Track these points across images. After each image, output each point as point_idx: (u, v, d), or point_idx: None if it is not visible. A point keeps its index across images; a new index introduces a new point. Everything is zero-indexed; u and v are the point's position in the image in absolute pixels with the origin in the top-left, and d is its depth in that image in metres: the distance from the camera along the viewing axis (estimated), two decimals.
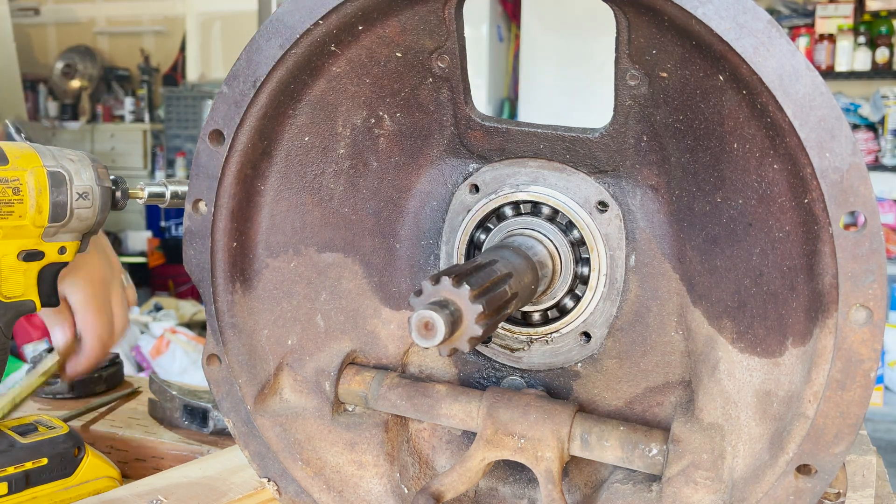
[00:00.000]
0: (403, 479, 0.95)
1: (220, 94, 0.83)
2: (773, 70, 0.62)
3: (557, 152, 0.87)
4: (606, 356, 0.90)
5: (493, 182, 0.92)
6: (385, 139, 0.91)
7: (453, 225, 0.94)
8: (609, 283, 0.88)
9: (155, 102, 8.04)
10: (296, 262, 0.92)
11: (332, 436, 0.95)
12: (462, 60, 0.85)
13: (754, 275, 0.74)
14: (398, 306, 0.97)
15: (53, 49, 8.39)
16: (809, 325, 0.68)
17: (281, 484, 0.95)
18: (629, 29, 0.73)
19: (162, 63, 8.10)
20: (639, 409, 0.90)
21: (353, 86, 0.86)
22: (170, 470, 1.04)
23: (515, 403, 0.87)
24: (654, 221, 0.86)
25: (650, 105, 0.78)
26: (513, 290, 0.76)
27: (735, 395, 0.77)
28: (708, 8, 0.63)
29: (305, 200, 0.91)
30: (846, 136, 0.61)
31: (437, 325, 0.64)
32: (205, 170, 0.85)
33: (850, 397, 0.64)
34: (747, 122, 0.69)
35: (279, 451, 0.94)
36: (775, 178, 0.68)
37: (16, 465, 0.98)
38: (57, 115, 8.01)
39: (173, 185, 1.07)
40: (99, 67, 8.20)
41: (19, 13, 7.91)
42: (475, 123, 0.89)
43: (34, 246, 0.95)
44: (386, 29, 0.82)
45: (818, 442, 0.67)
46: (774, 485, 0.70)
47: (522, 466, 0.93)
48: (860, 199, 0.61)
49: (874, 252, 0.61)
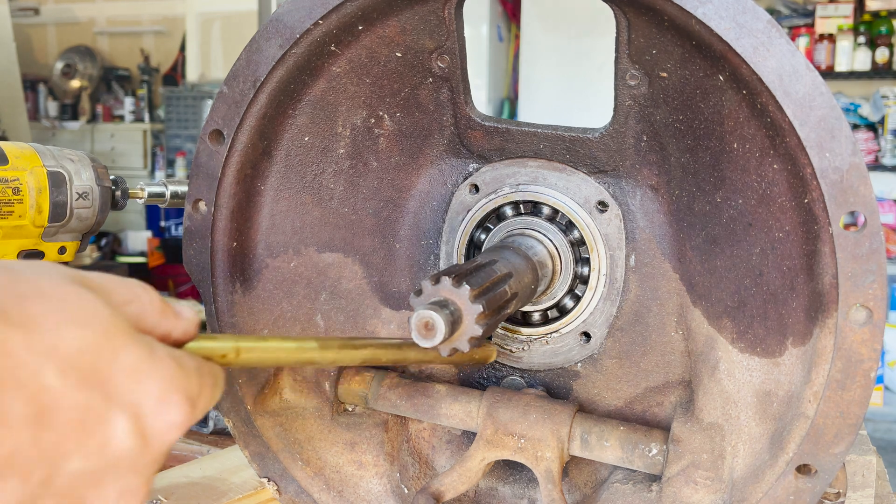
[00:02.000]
0: (403, 479, 0.95)
1: (220, 94, 0.83)
2: (773, 70, 0.62)
3: (557, 152, 0.87)
4: (606, 356, 0.90)
5: (493, 182, 0.92)
6: (385, 139, 0.91)
7: (453, 225, 0.94)
8: (609, 283, 0.88)
9: (155, 102, 8.04)
10: (296, 262, 0.92)
11: (332, 436, 0.95)
12: (462, 60, 0.85)
13: (754, 275, 0.74)
14: (398, 306, 0.97)
15: (53, 49, 8.39)
16: (809, 325, 0.68)
17: (281, 484, 0.95)
18: (629, 29, 0.73)
19: (162, 63, 8.10)
20: (639, 409, 0.90)
21: (353, 86, 0.86)
22: (170, 470, 1.04)
23: (515, 403, 0.87)
24: (654, 221, 0.86)
25: (650, 105, 0.78)
26: (513, 289, 0.76)
27: (735, 395, 0.77)
28: (708, 8, 0.63)
29: (305, 200, 0.91)
30: (846, 136, 0.61)
31: (437, 325, 0.64)
32: (205, 170, 0.85)
33: (850, 397, 0.64)
34: (747, 122, 0.69)
35: (279, 451, 0.94)
36: (775, 177, 0.68)
37: None
38: (57, 115, 8.01)
39: (173, 185, 1.08)
40: (99, 67, 8.20)
41: (19, 13, 7.91)
42: (475, 123, 0.89)
43: (34, 246, 0.95)
44: (386, 29, 0.82)
45: (818, 442, 0.67)
46: (774, 485, 0.70)
47: (522, 466, 0.93)
48: (860, 199, 0.61)
49: (874, 252, 0.61)
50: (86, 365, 0.44)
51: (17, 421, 0.40)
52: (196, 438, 1.29)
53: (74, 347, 0.44)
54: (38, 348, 0.42)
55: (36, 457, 0.41)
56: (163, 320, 0.54)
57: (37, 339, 0.42)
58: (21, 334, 0.42)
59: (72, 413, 0.43)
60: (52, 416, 0.42)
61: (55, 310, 0.44)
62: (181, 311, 0.57)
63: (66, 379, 0.43)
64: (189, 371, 0.51)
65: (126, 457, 0.46)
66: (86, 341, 0.45)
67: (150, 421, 0.47)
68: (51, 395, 0.42)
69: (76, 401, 0.43)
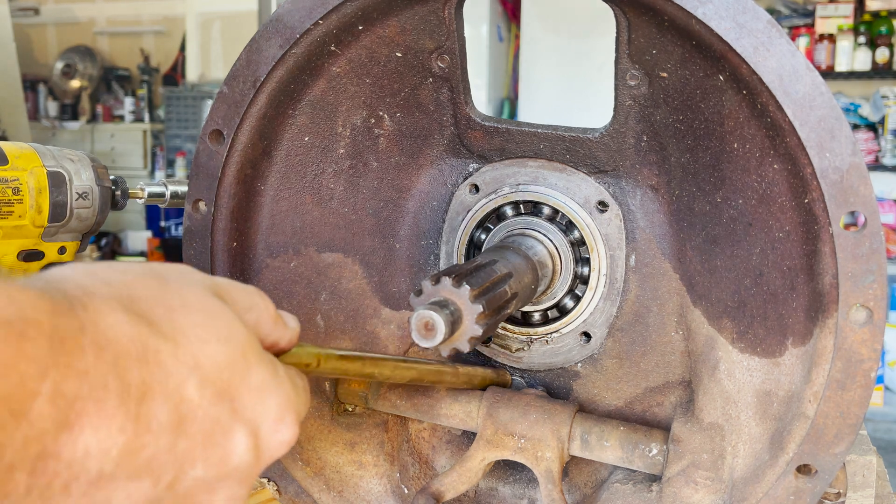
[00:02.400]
0: (403, 479, 0.95)
1: (220, 94, 0.83)
2: (773, 70, 0.62)
3: (557, 152, 0.87)
4: (606, 356, 0.90)
5: (493, 182, 0.92)
6: (385, 139, 0.91)
7: (453, 225, 0.94)
8: (609, 283, 0.88)
9: (155, 102, 8.04)
10: (296, 262, 0.92)
11: (332, 436, 0.95)
12: (462, 60, 0.85)
13: (754, 275, 0.74)
14: (398, 306, 0.97)
15: (53, 49, 8.39)
16: (809, 325, 0.68)
17: (281, 484, 0.95)
18: (629, 29, 0.73)
19: (162, 63, 8.10)
20: (639, 409, 0.90)
21: (353, 86, 0.86)
22: None
23: (515, 403, 0.87)
24: (654, 221, 0.86)
25: (650, 105, 0.78)
26: (513, 289, 0.76)
27: (735, 395, 0.77)
28: (708, 8, 0.63)
29: (305, 200, 0.91)
30: (846, 136, 0.61)
31: (437, 325, 0.64)
32: (205, 170, 0.85)
33: (851, 397, 0.64)
34: (747, 122, 0.69)
35: None
36: (775, 177, 0.68)
37: None
38: (57, 115, 8.01)
39: (173, 185, 1.07)
40: (99, 67, 8.20)
41: (19, 13, 7.90)
42: (475, 123, 0.89)
43: (34, 246, 0.95)
44: (386, 29, 0.82)
45: (818, 442, 0.67)
46: (774, 485, 0.70)
47: (522, 466, 0.93)
48: (860, 199, 0.61)
49: (874, 252, 0.61)
50: (222, 380, 0.47)
51: (160, 428, 0.43)
52: None
53: (215, 362, 0.46)
54: (184, 360, 0.45)
55: (169, 462, 0.44)
56: (275, 329, 0.56)
57: (183, 351, 0.45)
58: (171, 346, 0.44)
59: (204, 424, 0.45)
60: (188, 426, 0.44)
61: (200, 323, 0.47)
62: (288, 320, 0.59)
63: (204, 391, 0.45)
64: (299, 389, 0.54)
65: (241, 469, 0.48)
66: (225, 357, 0.47)
67: (265, 438, 0.50)
68: (189, 406, 0.44)
69: (209, 413, 0.46)
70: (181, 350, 0.45)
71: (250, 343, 0.50)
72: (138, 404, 0.42)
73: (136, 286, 0.46)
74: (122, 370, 0.41)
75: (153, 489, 0.44)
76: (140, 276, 0.48)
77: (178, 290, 0.48)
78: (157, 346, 0.43)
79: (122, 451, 0.41)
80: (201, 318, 0.47)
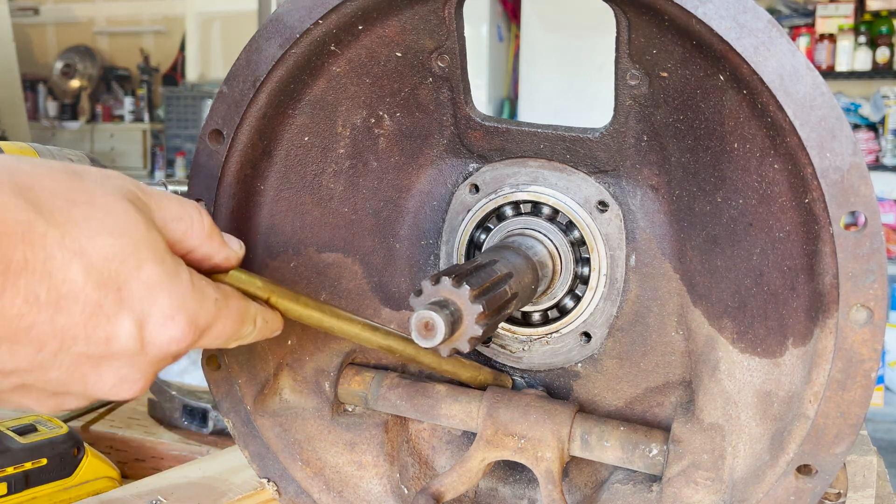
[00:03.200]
0: (403, 480, 0.95)
1: (220, 93, 0.83)
2: (774, 70, 0.62)
3: (557, 152, 0.87)
4: (606, 356, 0.90)
5: (493, 182, 0.92)
6: (385, 139, 0.91)
7: (453, 225, 0.94)
8: (609, 283, 0.88)
9: (155, 102, 8.05)
10: (295, 263, 0.92)
11: (331, 436, 0.95)
12: (462, 60, 0.85)
13: (755, 275, 0.74)
14: (398, 306, 0.97)
15: (53, 49, 8.40)
16: (810, 325, 0.68)
17: (281, 484, 0.95)
18: (629, 29, 0.73)
19: (162, 63, 8.10)
20: (639, 410, 0.89)
21: (353, 86, 0.86)
22: (170, 470, 1.04)
23: (515, 404, 0.87)
24: (654, 221, 0.86)
25: (650, 105, 0.78)
26: (513, 290, 0.76)
27: (735, 396, 0.77)
28: (708, 7, 0.63)
29: (305, 200, 0.91)
30: (847, 136, 0.61)
31: (437, 325, 0.64)
32: (204, 169, 0.85)
33: (851, 397, 0.64)
34: (748, 122, 0.69)
35: (279, 452, 0.94)
36: (776, 177, 0.68)
37: (15, 466, 0.98)
38: (56, 115, 8.01)
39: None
40: (98, 67, 8.20)
41: (19, 13, 7.91)
42: (475, 123, 0.88)
43: None
44: (386, 29, 0.82)
45: (819, 442, 0.67)
46: (775, 485, 0.70)
47: (522, 467, 0.93)
48: (861, 199, 0.61)
49: (875, 252, 0.61)
50: (109, 270, 0.51)
51: (38, 302, 0.48)
52: (196, 439, 1.28)
53: (101, 253, 0.51)
54: (70, 247, 0.50)
55: (49, 333, 0.50)
56: (207, 242, 0.60)
57: (70, 238, 0.50)
58: (58, 233, 0.49)
59: (87, 306, 0.51)
60: (69, 305, 0.50)
61: (96, 217, 0.52)
62: (229, 240, 0.63)
63: (88, 276, 0.50)
64: (205, 298, 0.58)
65: (125, 353, 0.53)
66: (113, 249, 0.52)
67: (152, 329, 0.54)
68: (70, 288, 0.50)
69: (91, 297, 0.51)
70: (68, 237, 0.50)
71: (149, 242, 0.54)
72: (17, 277, 0.47)
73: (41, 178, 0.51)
74: (4, 246, 0.46)
75: (36, 354, 0.50)
76: (51, 171, 0.53)
77: (89, 188, 0.53)
78: (44, 231, 0.48)
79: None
80: (100, 213, 0.52)
